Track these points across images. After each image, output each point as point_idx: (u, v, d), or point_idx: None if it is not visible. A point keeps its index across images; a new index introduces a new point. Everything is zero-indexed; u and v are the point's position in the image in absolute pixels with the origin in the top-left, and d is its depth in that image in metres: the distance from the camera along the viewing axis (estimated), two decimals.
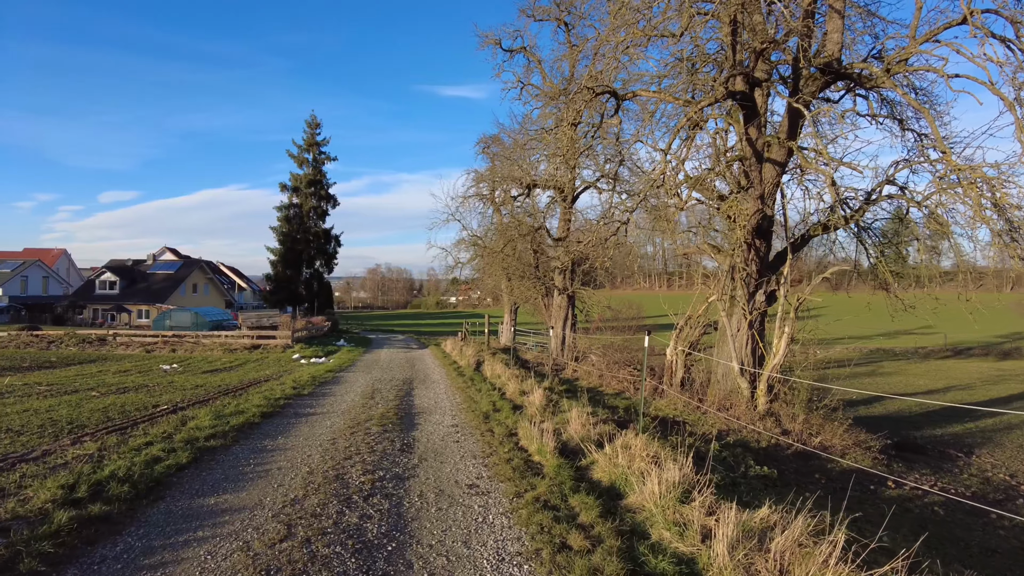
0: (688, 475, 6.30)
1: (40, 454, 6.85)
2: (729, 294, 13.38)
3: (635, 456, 7.13)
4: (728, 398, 13.24)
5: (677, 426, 11.09)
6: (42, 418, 9.20)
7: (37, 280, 67.01)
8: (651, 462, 6.92)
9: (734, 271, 13.34)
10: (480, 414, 10.65)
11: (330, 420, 9.94)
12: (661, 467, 6.58)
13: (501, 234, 28.02)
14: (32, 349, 26.01)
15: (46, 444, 7.38)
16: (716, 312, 15.58)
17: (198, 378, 16.13)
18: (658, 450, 7.20)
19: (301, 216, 59.19)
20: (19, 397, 11.84)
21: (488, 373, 17.62)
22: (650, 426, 9.88)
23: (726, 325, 13.34)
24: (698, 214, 15.86)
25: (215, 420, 9.01)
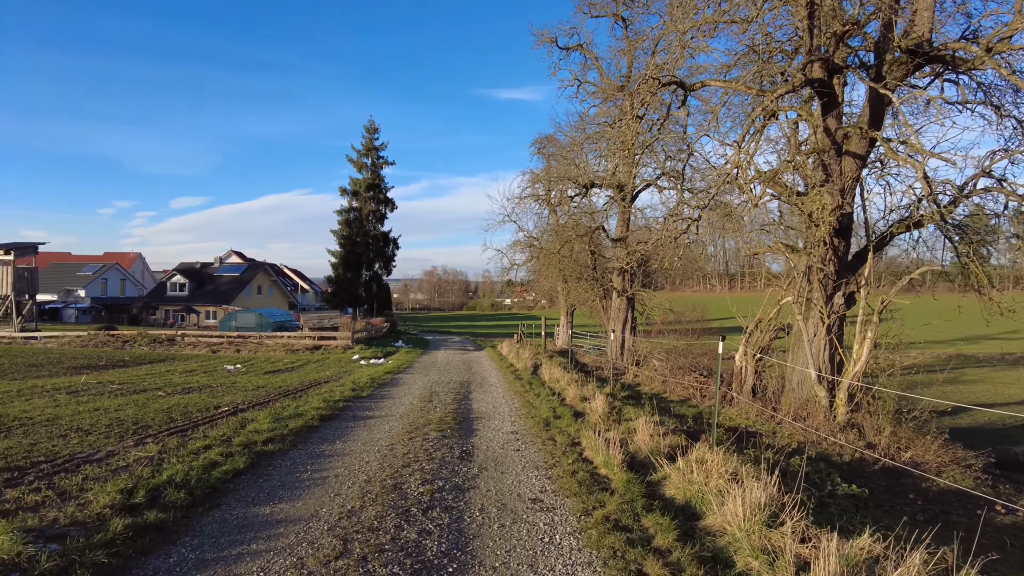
0: (773, 495, 5.74)
1: (104, 455, 6.88)
2: (805, 296, 12.56)
3: (711, 472, 6.60)
4: (804, 407, 12.42)
5: (751, 437, 10.41)
6: (110, 418, 9.38)
7: (115, 282, 70.74)
8: (730, 479, 6.38)
9: (811, 272, 12.52)
10: (540, 421, 10.27)
11: (388, 424, 9.76)
12: (742, 485, 6.04)
13: (558, 235, 27.59)
14: (108, 348, 27.23)
15: (111, 445, 7.44)
16: (788, 315, 14.77)
17: (260, 379, 16.37)
18: (737, 466, 6.64)
19: (360, 220, 60.24)
20: (92, 395, 12.21)
21: (546, 377, 17.23)
22: (723, 438, 9.27)
23: (802, 329, 12.52)
24: (765, 212, 15.04)
25: (274, 423, 8.95)
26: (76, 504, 5.10)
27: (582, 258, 28.96)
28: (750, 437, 10.44)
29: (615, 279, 25.08)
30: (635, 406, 12.39)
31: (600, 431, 9.34)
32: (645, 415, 10.88)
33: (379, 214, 61.36)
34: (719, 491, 6.16)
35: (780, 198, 11.31)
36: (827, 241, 10.69)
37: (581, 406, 11.75)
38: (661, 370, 18.76)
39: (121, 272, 71.67)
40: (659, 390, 17.10)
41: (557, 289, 34.14)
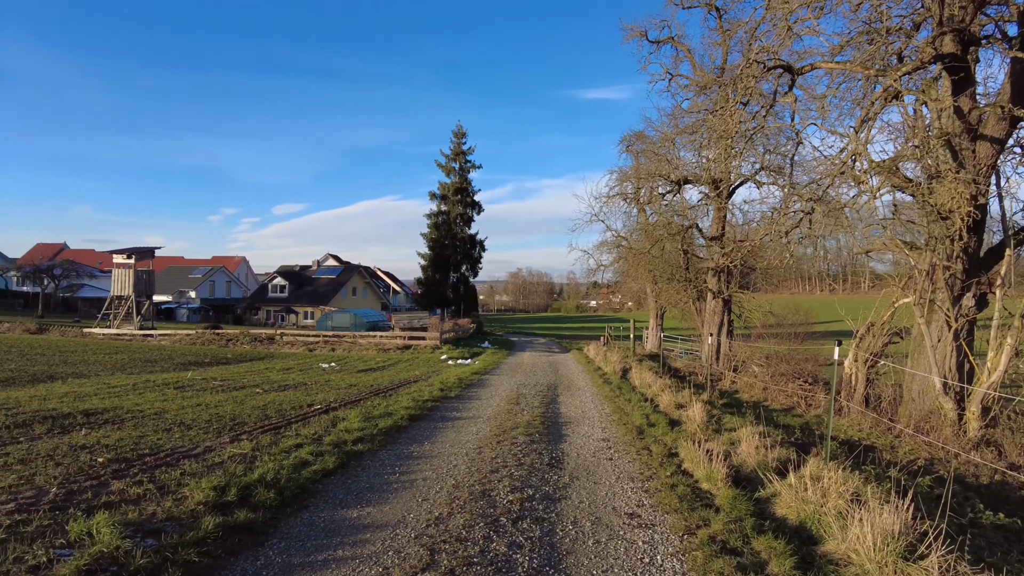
0: (907, 521, 5.04)
1: (202, 450, 7.07)
2: (928, 297, 11.33)
3: (829, 491, 5.92)
4: (927, 420, 11.19)
5: (867, 452, 9.45)
6: (210, 413, 9.75)
7: (222, 284, 75.70)
8: (851, 500, 5.69)
9: (934, 271, 11.30)
10: (632, 428, 9.77)
11: (476, 426, 9.59)
12: (866, 507, 5.36)
13: (647, 234, 26.74)
14: (213, 346, 28.98)
15: (209, 440, 7.66)
16: (905, 318, 13.51)
17: (352, 377, 16.75)
18: (859, 485, 5.92)
19: (448, 223, 61.36)
20: (196, 391, 12.84)
21: (636, 381, 16.61)
22: (837, 452, 8.44)
23: (924, 334, 11.30)
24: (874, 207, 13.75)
25: (364, 422, 8.98)
26: (173, 499, 5.18)
27: (673, 258, 27.93)
28: (866, 452, 9.48)
29: (710, 280, 23.96)
30: (735, 414, 11.62)
31: (699, 441, 8.74)
32: (748, 425, 10.13)
33: (466, 217, 62.27)
34: (839, 513, 5.51)
35: (903, 190, 10.21)
36: (961, 235, 9.53)
37: (676, 414, 11.14)
38: (761, 376, 17.64)
39: (227, 275, 76.63)
40: (759, 397, 16.07)
41: (646, 291, 33.18)
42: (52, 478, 5.71)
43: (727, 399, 14.42)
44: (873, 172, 9.09)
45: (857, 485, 5.87)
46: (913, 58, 8.71)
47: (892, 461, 8.35)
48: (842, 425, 11.76)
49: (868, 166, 8.75)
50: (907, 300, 13.27)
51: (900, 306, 13.39)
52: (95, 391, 12.33)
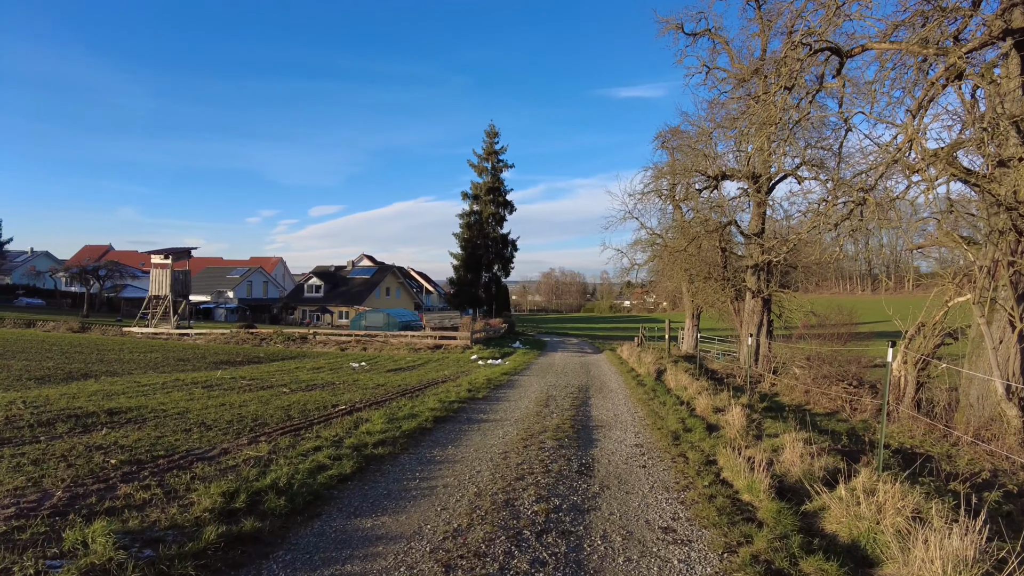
0: (980, 544, 4.49)
1: (218, 453, 6.85)
2: (989, 296, 10.53)
3: (885, 506, 5.37)
4: (987, 427, 10.40)
5: (923, 462, 8.76)
6: (233, 413, 9.59)
7: (259, 284, 77.01)
8: (911, 517, 5.14)
9: (996, 267, 10.50)
10: (668, 433, 9.26)
11: (503, 429, 9.21)
12: (930, 527, 4.82)
13: (683, 232, 26.01)
14: (247, 345, 29.24)
15: (227, 442, 7.45)
16: (959, 318, 12.71)
17: (381, 377, 16.56)
18: (919, 501, 5.35)
19: (481, 222, 61.20)
20: (224, 390, 12.76)
21: (671, 384, 16.03)
22: (889, 461, 7.82)
23: (985, 334, 10.50)
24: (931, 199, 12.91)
25: (387, 424, 8.69)
26: (179, 505, 4.93)
27: (710, 256, 27.10)
28: (921, 461, 8.81)
29: (748, 278, 23.14)
30: (776, 419, 11.01)
31: (739, 448, 8.20)
32: (791, 430, 9.54)
33: (498, 216, 62.00)
34: (898, 532, 4.97)
35: (965, 180, 9.46)
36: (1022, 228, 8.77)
37: (714, 418, 10.58)
38: (803, 379, 16.86)
39: (264, 275, 77.93)
40: (801, 401, 15.34)
41: (681, 290, 32.36)
42: (60, 481, 5.53)
43: (767, 403, 13.76)
44: (929, 161, 8.40)
45: (918, 500, 5.31)
46: (974, 37, 8.01)
47: (953, 473, 7.69)
48: (892, 431, 11.03)
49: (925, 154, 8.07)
50: (962, 299, 12.48)
51: (953, 305, 12.61)
52: (124, 390, 12.35)
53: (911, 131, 7.71)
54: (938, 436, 10.30)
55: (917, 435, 10.51)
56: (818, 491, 6.06)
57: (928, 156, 8.15)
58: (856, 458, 8.12)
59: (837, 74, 8.77)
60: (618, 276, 34.72)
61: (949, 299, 12.64)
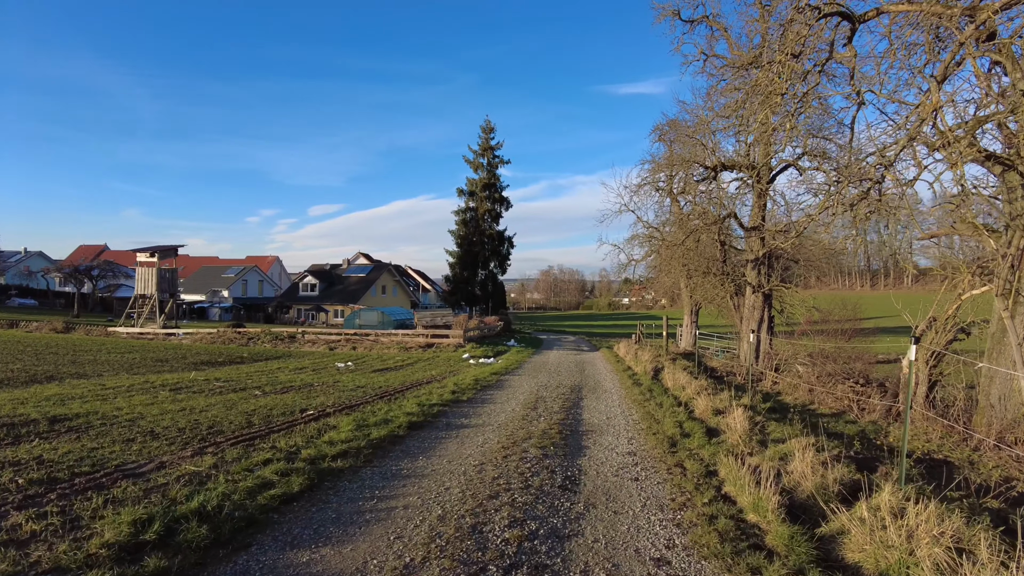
0: None
1: (153, 467, 6.04)
2: (1013, 288, 9.74)
3: (918, 533, 4.58)
4: (1010, 430, 9.61)
5: (944, 470, 7.98)
6: (189, 420, 8.77)
7: (254, 283, 76.24)
8: (951, 547, 4.36)
9: (1022, 256, 9.71)
10: (664, 439, 8.46)
11: (483, 436, 8.40)
12: (975, 560, 4.04)
13: (681, 225, 25.19)
14: (233, 345, 28.40)
15: (169, 454, 6.64)
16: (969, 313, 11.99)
17: (365, 378, 15.75)
18: (960, 527, 4.55)
19: (476, 219, 60.39)
20: (192, 393, 11.95)
21: (669, 383, 15.24)
22: (912, 471, 7.02)
23: (1009, 329, 9.70)
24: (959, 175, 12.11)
25: (355, 431, 7.89)
26: (74, 539, 4.13)
27: (709, 251, 26.30)
28: (942, 469, 8.03)
29: (748, 273, 22.32)
30: (781, 421, 10.23)
31: (742, 456, 7.41)
32: (798, 435, 8.75)
33: (494, 213, 61.13)
34: (938, 567, 4.18)
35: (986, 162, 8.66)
36: None
37: (714, 421, 9.78)
38: (807, 377, 16.07)
39: (259, 274, 77.11)
40: (805, 400, 14.55)
41: (680, 286, 31.56)
42: None
43: (770, 403, 12.97)
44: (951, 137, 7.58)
45: (958, 526, 4.51)
46: None
47: (983, 485, 6.89)
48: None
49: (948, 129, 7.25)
50: (977, 291, 11.77)
51: (967, 298, 11.87)
52: (83, 394, 11.53)
53: (935, 100, 6.90)
54: (957, 439, 9.51)
55: (934, 438, 9.72)
56: (835, 509, 5.27)
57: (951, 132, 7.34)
58: (872, 467, 7.34)
59: (848, 42, 7.97)
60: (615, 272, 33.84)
61: (963, 292, 11.91)
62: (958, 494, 6.26)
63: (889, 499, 5.02)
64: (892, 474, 6.63)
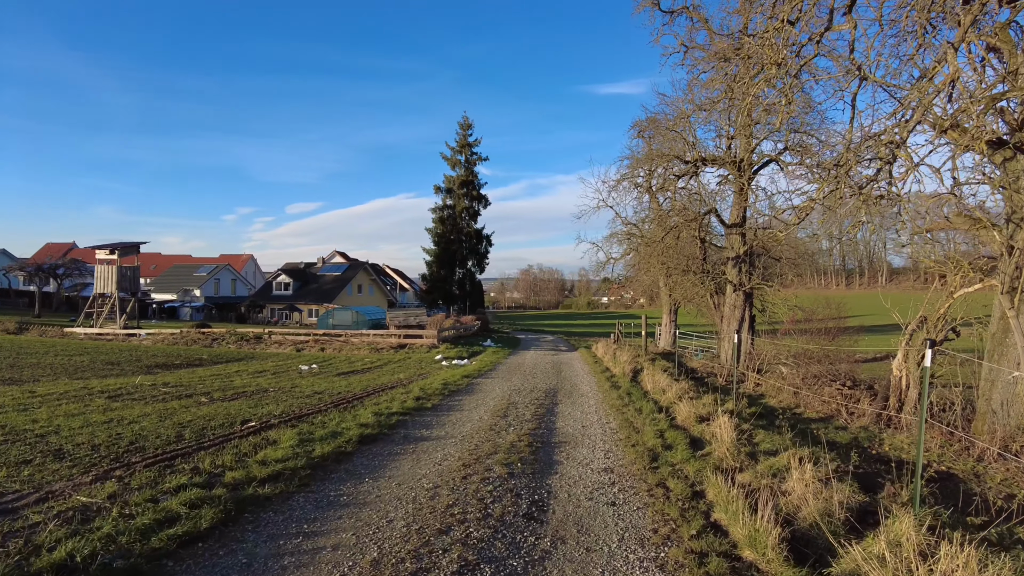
0: None
1: (35, 499, 5.05)
2: (1020, 284, 9.09)
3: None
4: (1015, 438, 8.97)
5: (950, 483, 7.28)
6: (111, 433, 7.74)
7: (227, 282, 74.41)
8: None
9: None
10: (644, 452, 7.64)
11: (444, 451, 7.51)
12: None
13: (660, 223, 24.54)
14: (196, 346, 27.14)
15: (67, 479, 5.65)
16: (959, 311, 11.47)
17: (326, 382, 14.76)
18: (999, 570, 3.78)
19: (454, 217, 59.44)
20: (129, 402, 10.88)
21: (648, 386, 14.49)
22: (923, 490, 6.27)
23: (1015, 328, 9.05)
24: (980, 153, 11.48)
25: (296, 448, 6.96)
26: None
27: (689, 248, 25.69)
28: (951, 485, 7.33)
29: (729, 271, 21.71)
30: (768, 429, 9.48)
31: (731, 472, 6.63)
32: (789, 445, 8.02)
33: (472, 211, 60.19)
34: None
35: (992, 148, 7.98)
36: None
37: (698, 429, 9.01)
38: (791, 379, 15.42)
39: (232, 272, 75.26)
40: (790, 403, 13.88)
41: (659, 285, 30.97)
42: None
43: (755, 406, 12.25)
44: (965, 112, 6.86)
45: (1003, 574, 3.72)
46: None
47: (1005, 508, 6.15)
48: (900, 442, 9.56)
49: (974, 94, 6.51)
50: (971, 289, 11.19)
51: (960, 296, 11.30)
52: (4, 403, 10.39)
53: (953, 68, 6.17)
54: (958, 448, 8.84)
55: (933, 447, 9.03)
56: (844, 543, 4.49)
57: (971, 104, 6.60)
58: (876, 485, 6.59)
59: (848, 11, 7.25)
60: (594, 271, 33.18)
61: (955, 289, 11.34)
62: (980, 519, 5.53)
63: (911, 534, 4.24)
64: (901, 495, 5.89)
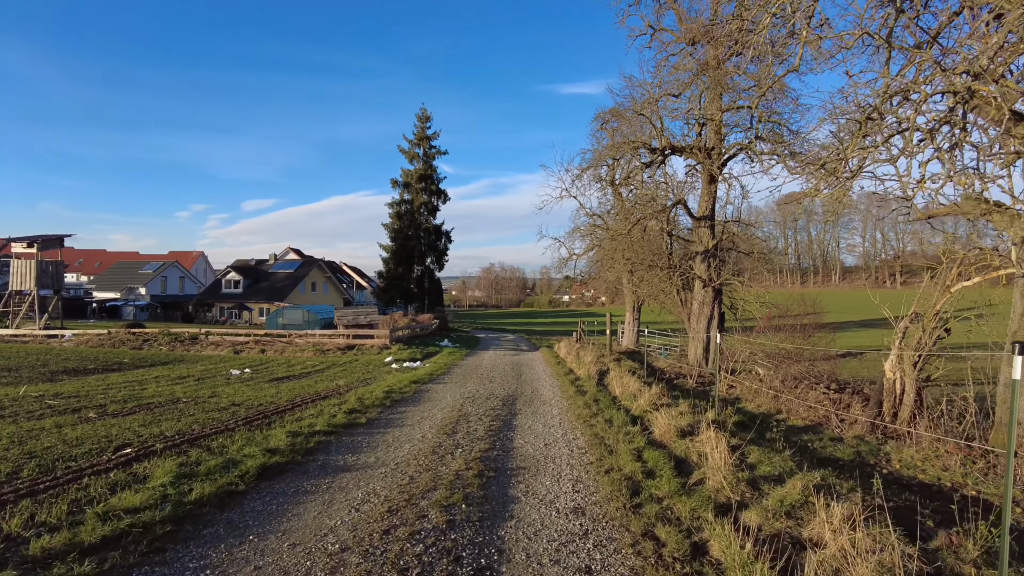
0: None
1: None
2: None
3: None
4: None
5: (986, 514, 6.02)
6: None
7: (175, 280, 70.72)
8: None
9: None
10: (622, 482, 6.13)
11: (368, 487, 5.86)
12: None
13: (625, 217, 23.27)
14: (123, 348, 24.70)
15: None
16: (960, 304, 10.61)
17: (253, 390, 12.89)
18: None
19: (412, 212, 57.42)
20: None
21: (617, 390, 13.07)
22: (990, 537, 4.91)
23: None
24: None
25: (167, 488, 5.23)
26: None
27: (655, 243, 24.52)
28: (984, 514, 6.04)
29: (698, 266, 20.55)
30: (760, 443, 8.13)
31: (733, 509, 5.20)
32: (792, 467, 6.69)
33: (431, 206, 58.23)
34: None
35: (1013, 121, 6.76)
36: None
37: (681, 447, 7.58)
38: (769, 380, 14.23)
39: (180, 270, 71.60)
40: (770, 408, 12.69)
41: (622, 282, 29.77)
42: None
43: (737, 415, 10.94)
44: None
45: None
46: None
47: None
48: (908, 458, 8.33)
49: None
50: (968, 283, 10.21)
51: (957, 290, 10.30)
52: None
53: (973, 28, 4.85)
54: (983, 467, 7.63)
55: (953, 465, 7.77)
56: None
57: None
58: (912, 522, 5.24)
59: None
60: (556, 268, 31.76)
61: (951, 283, 10.31)
62: None
63: None
64: (967, 549, 4.51)
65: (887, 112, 6.40)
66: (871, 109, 6.92)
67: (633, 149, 20.63)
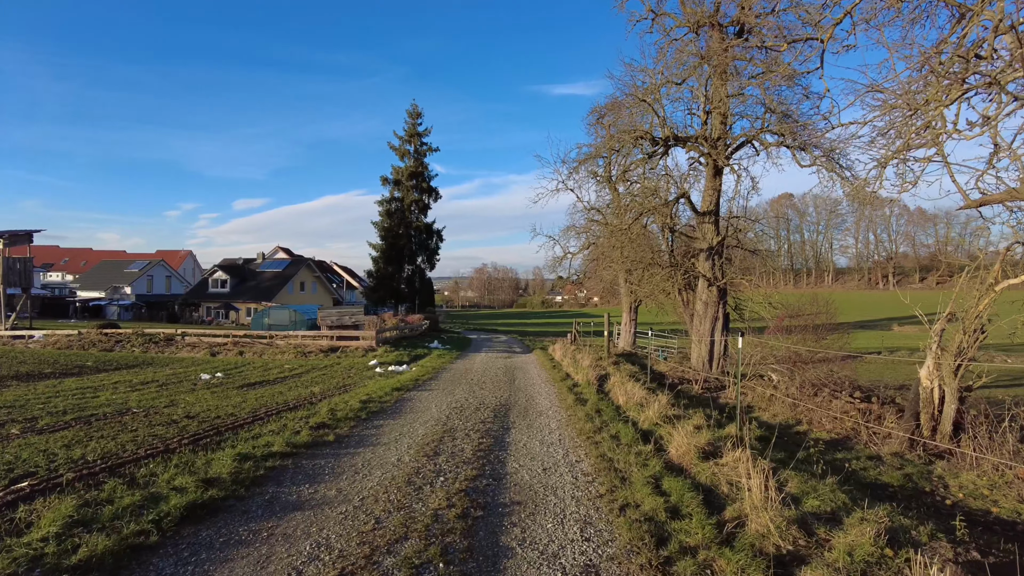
0: None
1: None
2: None
3: None
4: None
5: None
6: None
7: (161, 279, 69.08)
8: None
9: None
10: (642, 525, 4.89)
11: (317, 537, 4.60)
12: None
13: (623, 213, 22.09)
14: (94, 349, 23.27)
15: None
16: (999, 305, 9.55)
17: (218, 398, 11.59)
18: None
19: (402, 210, 56.12)
20: None
21: (620, 399, 11.87)
22: None
23: None
24: None
25: (54, 540, 3.95)
26: None
27: (655, 240, 23.38)
28: None
29: (701, 264, 19.35)
30: (793, 464, 6.91)
31: (788, 564, 3.99)
32: (844, 501, 5.50)
33: (422, 204, 56.91)
34: None
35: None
36: None
37: (706, 472, 6.35)
38: (784, 387, 13.04)
39: (167, 269, 69.95)
40: (788, 418, 11.50)
41: (619, 281, 28.60)
42: None
43: (762, 429, 9.73)
44: None
45: None
46: None
47: None
48: (968, 483, 7.16)
49: None
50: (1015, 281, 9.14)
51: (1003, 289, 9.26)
52: None
53: None
54: None
55: (1012, 496, 6.61)
56: None
57: None
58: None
59: None
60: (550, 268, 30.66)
61: (995, 281, 9.23)
62: None
63: None
64: None
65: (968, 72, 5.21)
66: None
67: (634, 140, 19.42)
